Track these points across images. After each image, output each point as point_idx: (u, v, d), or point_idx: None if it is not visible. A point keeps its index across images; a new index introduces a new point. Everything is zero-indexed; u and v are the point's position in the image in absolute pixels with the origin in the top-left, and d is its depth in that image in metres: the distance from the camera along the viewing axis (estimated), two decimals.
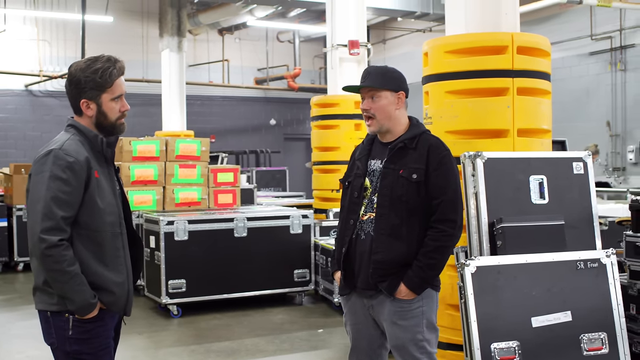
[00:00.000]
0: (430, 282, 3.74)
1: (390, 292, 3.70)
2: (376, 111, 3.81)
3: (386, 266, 3.69)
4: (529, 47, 5.44)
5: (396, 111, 3.83)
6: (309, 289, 8.76)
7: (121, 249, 3.36)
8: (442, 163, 3.73)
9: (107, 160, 3.40)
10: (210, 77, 22.22)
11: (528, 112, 5.44)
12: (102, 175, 3.33)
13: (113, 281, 3.30)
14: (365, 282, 3.78)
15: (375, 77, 3.81)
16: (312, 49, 23.98)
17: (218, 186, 9.59)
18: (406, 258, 3.69)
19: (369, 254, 3.74)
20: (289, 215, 8.65)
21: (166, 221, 8.03)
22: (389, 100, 3.81)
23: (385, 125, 3.82)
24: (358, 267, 3.82)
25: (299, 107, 23.87)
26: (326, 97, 10.77)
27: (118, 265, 3.34)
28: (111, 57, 3.37)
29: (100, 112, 3.34)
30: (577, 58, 16.43)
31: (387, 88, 3.80)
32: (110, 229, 3.30)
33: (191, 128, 18.26)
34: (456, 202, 3.73)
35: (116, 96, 3.34)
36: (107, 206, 3.30)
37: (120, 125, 3.41)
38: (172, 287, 8.03)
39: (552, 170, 4.78)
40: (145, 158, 9.20)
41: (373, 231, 3.74)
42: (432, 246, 3.67)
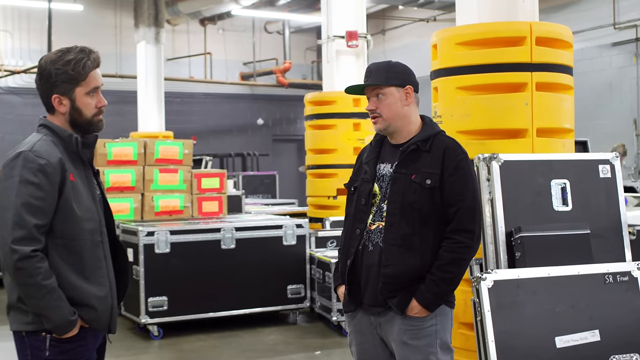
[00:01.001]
0: (444, 298, 3.75)
1: (401, 309, 3.71)
2: (383, 110, 3.83)
3: (397, 280, 3.70)
4: (549, 38, 5.46)
5: (405, 108, 3.85)
6: (304, 306, 8.77)
7: (103, 259, 3.36)
8: (459, 167, 3.75)
9: (84, 162, 3.40)
10: (191, 72, 22.23)
11: (548, 109, 5.45)
12: (79, 179, 3.32)
13: (94, 295, 3.29)
14: (373, 298, 3.79)
15: (378, 74, 3.84)
16: (304, 41, 24.02)
17: (202, 193, 9.59)
18: (419, 271, 3.70)
19: (378, 267, 3.74)
20: (281, 224, 8.66)
21: (145, 232, 8.03)
22: (396, 97, 3.83)
23: (393, 125, 3.84)
24: (365, 281, 3.83)
25: (289, 105, 23.90)
26: (322, 94, 10.80)
27: (99, 277, 3.33)
28: (85, 47, 3.38)
29: (74, 108, 3.35)
30: (599, 49, 16.49)
31: (392, 84, 3.82)
32: (89, 237, 3.30)
33: (170, 128, 18.26)
34: (474, 211, 3.75)
35: (91, 89, 3.35)
36: (85, 212, 3.30)
37: (98, 123, 3.42)
38: (152, 305, 8.03)
39: (576, 173, 4.79)
40: (121, 162, 9.19)
41: (382, 242, 3.75)
42: (448, 259, 3.68)
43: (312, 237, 9.06)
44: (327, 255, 8.51)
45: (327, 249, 9.07)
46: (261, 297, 8.54)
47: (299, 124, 24.32)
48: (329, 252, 8.80)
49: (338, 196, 10.46)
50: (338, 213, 10.27)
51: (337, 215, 10.17)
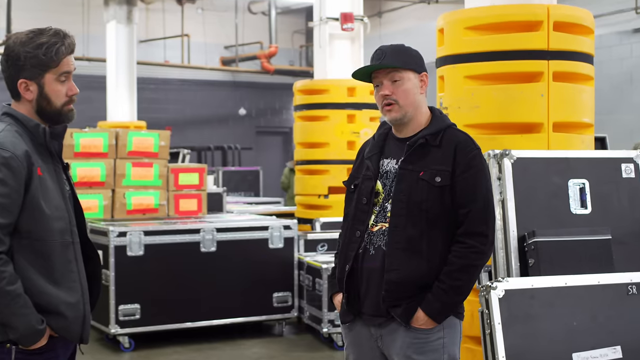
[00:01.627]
0: (453, 308, 3.75)
1: (405, 320, 3.71)
2: (400, 96, 3.81)
3: (401, 288, 3.70)
4: (568, 23, 5.48)
5: (419, 96, 3.86)
6: (292, 316, 8.77)
7: (74, 261, 3.35)
8: (471, 165, 3.75)
9: (52, 154, 3.39)
10: (167, 56, 22.19)
11: (566, 101, 5.47)
12: (47, 173, 3.31)
13: (65, 302, 3.28)
14: (374, 307, 3.78)
15: (395, 56, 3.82)
16: (292, 23, 24.02)
17: (180, 189, 9.58)
18: (426, 278, 3.70)
19: (380, 273, 3.74)
20: (267, 226, 8.66)
21: (117, 232, 8.01)
22: (413, 83, 3.83)
23: (410, 113, 3.83)
24: (365, 288, 3.82)
25: (275, 94, 23.90)
26: (313, 82, 10.80)
27: (70, 282, 3.32)
28: (59, 30, 3.37)
29: (42, 96, 3.34)
30: (618, 36, 16.53)
31: (411, 68, 3.82)
32: (59, 237, 3.29)
33: (143, 118, 18.24)
34: (488, 212, 3.75)
35: (62, 73, 3.34)
36: (54, 210, 3.29)
37: (68, 113, 3.41)
38: (123, 313, 8.01)
39: (596, 173, 4.81)
40: (90, 154, 9.17)
41: (386, 245, 3.75)
42: (458, 265, 3.68)
43: (301, 240, 9.05)
44: (318, 260, 8.51)
45: (318, 253, 9.06)
46: (244, 305, 8.53)
47: (285, 115, 24.33)
48: (319, 256, 8.80)
49: (330, 195, 10.46)
50: (329, 213, 10.27)
51: (328, 215, 10.17)
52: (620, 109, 16.42)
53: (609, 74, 16.27)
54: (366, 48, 10.96)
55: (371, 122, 10.48)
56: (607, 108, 15.92)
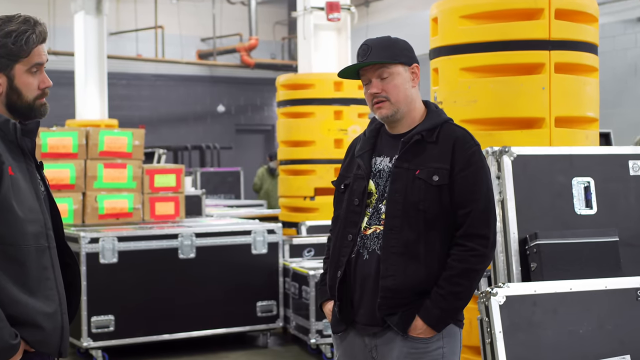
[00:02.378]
0: (453, 315, 3.75)
1: (402, 329, 3.71)
2: (390, 92, 3.80)
3: (398, 294, 3.70)
4: (570, 10, 5.50)
5: (412, 90, 3.86)
6: (277, 326, 8.76)
7: (50, 268, 3.32)
8: (471, 162, 3.75)
9: (25, 153, 3.37)
10: (139, 50, 22.16)
11: (569, 94, 5.49)
12: (19, 172, 3.29)
13: (41, 312, 3.25)
14: (369, 316, 3.78)
15: (381, 50, 3.81)
16: (273, 14, 24.04)
17: (155, 192, 9.55)
18: (423, 284, 3.70)
19: (375, 279, 3.74)
20: (250, 230, 8.66)
21: (88, 238, 7.99)
22: (404, 77, 3.82)
23: (402, 110, 3.83)
24: (359, 296, 3.82)
25: (256, 89, 23.90)
26: (297, 77, 10.79)
27: (47, 290, 3.29)
28: (29, 17, 3.36)
29: (11, 89, 3.31)
30: (622, 25, 16.59)
31: (400, 61, 3.82)
32: (33, 242, 3.26)
33: (114, 116, 18.22)
34: (489, 213, 3.75)
35: (34, 64, 3.32)
36: (28, 212, 3.26)
37: (41, 107, 3.39)
38: (96, 325, 7.99)
39: (602, 170, 4.82)
40: (58, 155, 9.14)
41: (380, 249, 3.75)
42: (458, 269, 3.68)
43: (286, 245, 9.06)
44: (304, 266, 8.51)
45: (304, 258, 9.06)
46: (226, 315, 8.52)
47: (267, 112, 24.33)
48: (306, 262, 8.80)
49: (316, 197, 10.47)
50: (316, 216, 10.27)
51: (314, 219, 10.17)
52: (624, 103, 16.47)
53: (612, 66, 16.32)
54: (353, 40, 10.97)
55: (360, 119, 10.49)
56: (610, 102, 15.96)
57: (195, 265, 8.37)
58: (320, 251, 9.18)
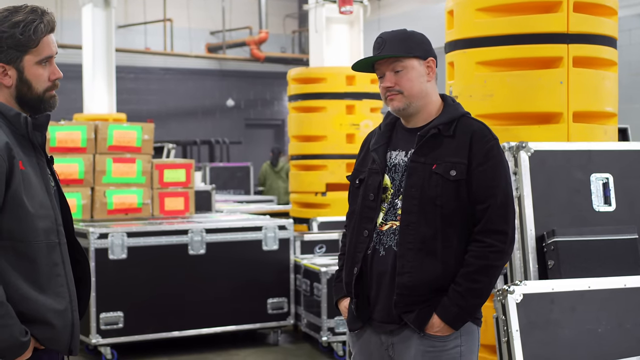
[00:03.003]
0: (471, 313, 3.74)
1: (420, 326, 3.70)
2: (404, 86, 3.80)
3: (415, 292, 3.69)
4: (589, 3, 5.48)
5: (427, 84, 3.84)
6: (288, 324, 8.76)
7: (60, 264, 3.32)
8: (489, 156, 3.74)
9: (35, 147, 3.37)
10: (148, 43, 22.17)
11: (587, 89, 5.47)
12: (30, 167, 3.29)
13: (52, 309, 3.24)
14: (385, 313, 3.77)
15: (396, 44, 3.81)
16: (283, 6, 24.02)
17: (165, 187, 9.56)
18: (441, 281, 3.70)
19: (392, 276, 3.73)
20: (261, 226, 8.65)
21: (97, 234, 8.00)
22: (418, 71, 3.82)
23: (415, 104, 3.82)
24: (375, 292, 3.81)
25: (265, 84, 23.89)
26: (309, 70, 10.79)
27: (58, 287, 3.28)
28: (37, 7, 3.35)
29: (22, 81, 3.31)
30: (639, 18, 16.55)
31: (414, 55, 3.81)
32: (44, 238, 3.26)
33: (122, 110, 18.21)
34: (507, 208, 3.74)
35: (43, 58, 3.32)
36: (39, 208, 3.26)
37: (51, 99, 3.39)
38: (105, 322, 8.00)
39: (621, 166, 4.82)
40: (67, 149, 9.15)
41: (397, 245, 3.74)
42: (476, 265, 3.67)
43: (297, 241, 9.06)
44: (316, 262, 8.50)
45: (315, 255, 9.06)
46: (236, 312, 8.52)
47: (277, 106, 24.33)
48: (317, 259, 8.79)
49: (327, 192, 10.47)
50: (327, 212, 10.28)
51: (326, 215, 10.17)
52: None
53: (628, 60, 16.25)
54: (365, 33, 10.97)
55: (372, 113, 10.50)
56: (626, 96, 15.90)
57: (205, 261, 8.37)
58: (331, 248, 9.18)
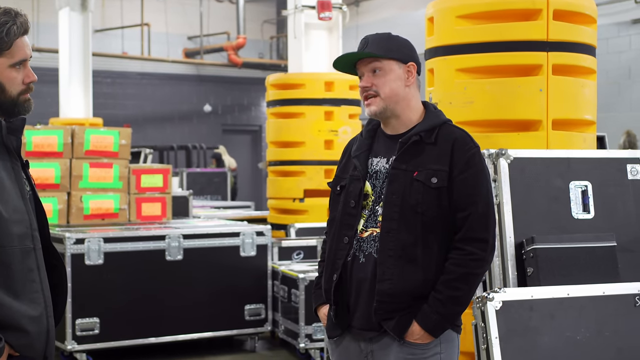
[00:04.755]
0: (451, 321, 3.75)
1: (399, 334, 3.70)
2: (380, 87, 3.80)
3: (395, 299, 3.69)
4: (569, 11, 5.50)
5: (406, 89, 3.84)
6: (265, 330, 8.75)
7: (35, 270, 3.30)
8: (471, 164, 3.75)
9: (10, 151, 3.36)
10: (125, 47, 22.11)
11: (567, 97, 5.49)
12: (4, 171, 3.28)
13: (26, 315, 3.23)
14: (365, 320, 3.77)
15: (377, 44, 3.82)
16: (261, 12, 24.03)
17: (142, 192, 9.53)
18: (421, 288, 3.70)
19: (372, 283, 3.72)
20: (238, 232, 8.64)
21: (73, 239, 7.96)
22: (396, 73, 3.82)
23: (391, 107, 3.83)
24: (355, 299, 3.81)
25: (243, 89, 23.89)
26: (287, 76, 10.79)
27: (32, 293, 3.27)
28: (9, 9, 3.33)
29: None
30: (617, 27, 16.61)
31: (394, 57, 3.82)
32: (18, 243, 3.24)
33: (99, 115, 18.18)
34: (488, 216, 3.75)
35: (17, 61, 3.30)
36: (13, 213, 3.24)
37: (25, 103, 3.37)
38: (80, 328, 7.96)
39: (600, 174, 4.82)
40: (43, 154, 9.11)
41: (377, 252, 3.74)
42: (457, 273, 3.67)
43: (275, 248, 9.05)
44: (293, 269, 8.50)
45: (293, 261, 9.06)
46: (213, 319, 8.50)
47: (255, 112, 24.31)
48: (295, 265, 8.79)
49: (306, 198, 10.46)
50: (305, 219, 10.27)
51: (304, 221, 10.17)
52: (618, 106, 16.51)
53: (606, 69, 16.34)
54: (343, 39, 10.98)
55: (350, 120, 10.51)
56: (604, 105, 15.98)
57: (182, 267, 8.35)
58: (309, 254, 9.18)
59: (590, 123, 5.70)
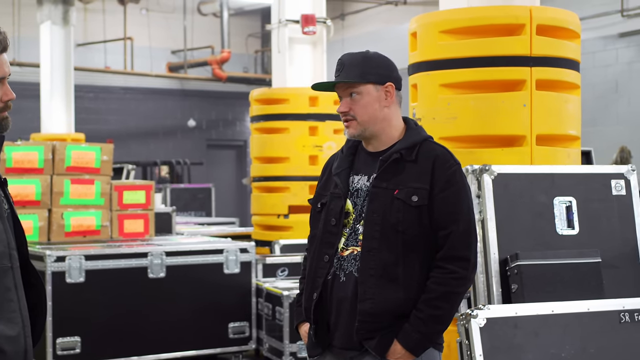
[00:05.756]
0: (433, 339, 3.76)
1: (381, 353, 3.71)
2: (357, 112, 3.81)
3: (377, 319, 3.70)
4: (552, 27, 5.54)
5: (384, 110, 3.84)
6: (249, 348, 8.73)
7: (13, 289, 3.29)
8: (452, 182, 3.76)
9: None
10: (107, 62, 22.08)
11: (551, 112, 5.52)
12: None
13: (3, 335, 3.21)
14: (346, 339, 3.78)
15: (352, 68, 3.82)
16: (246, 26, 24.03)
17: (124, 209, 9.52)
18: (402, 308, 3.71)
19: (352, 302, 3.74)
20: (222, 249, 8.62)
21: (54, 257, 7.93)
22: (373, 96, 3.82)
23: (370, 129, 3.84)
24: (335, 318, 3.82)
25: (228, 104, 23.86)
26: (271, 91, 10.81)
27: (9, 312, 3.26)
28: None
29: None
30: (603, 41, 16.67)
31: (369, 80, 3.82)
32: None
33: (81, 130, 18.12)
34: (470, 235, 3.77)
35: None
36: None
37: (3, 121, 3.36)
38: (61, 347, 7.93)
39: (584, 190, 4.85)
40: (23, 170, 9.09)
41: (358, 271, 3.75)
42: (438, 292, 3.69)
43: (259, 264, 9.03)
44: (278, 286, 8.49)
45: (278, 278, 9.04)
46: (197, 337, 8.47)
47: (239, 127, 24.30)
48: (279, 282, 8.78)
49: (290, 215, 10.46)
50: (290, 235, 10.27)
51: (289, 237, 10.16)
52: (604, 121, 16.55)
53: (592, 83, 16.41)
54: (327, 54, 11.00)
55: (335, 135, 10.51)
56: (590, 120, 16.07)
57: (165, 285, 8.32)
58: (294, 271, 9.17)
59: (575, 138, 5.73)
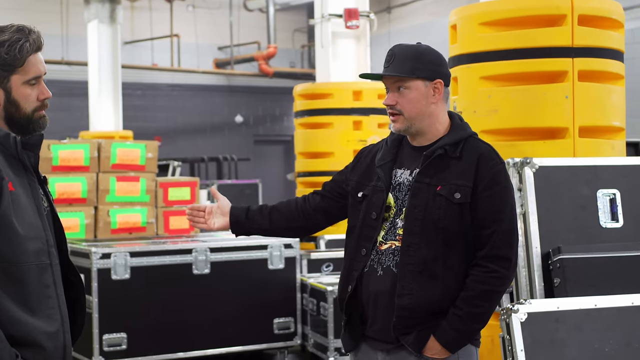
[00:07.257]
0: (470, 337, 3.74)
1: (417, 349, 3.69)
2: (404, 107, 3.77)
3: (414, 314, 3.69)
4: (594, 16, 5.49)
5: (432, 106, 3.79)
6: (295, 344, 8.73)
7: (52, 286, 3.32)
8: (496, 181, 3.72)
9: (26, 167, 3.37)
10: (154, 59, 22.23)
11: (593, 103, 5.47)
12: (21, 188, 3.29)
13: (43, 331, 3.25)
14: (383, 333, 3.77)
15: (402, 62, 3.77)
16: (292, 21, 24.06)
17: (169, 206, 9.57)
18: (440, 304, 3.69)
19: (390, 297, 3.72)
20: (266, 244, 8.63)
21: (100, 254, 7.98)
22: (421, 92, 3.78)
23: (416, 125, 3.80)
24: (372, 312, 3.80)
25: (274, 99, 23.92)
26: (315, 86, 10.79)
27: (49, 309, 3.29)
28: (23, 26, 3.34)
29: (9, 101, 3.31)
30: None
31: (418, 76, 3.77)
32: (34, 259, 3.26)
33: (129, 127, 18.26)
34: (512, 235, 3.73)
35: (31, 78, 3.32)
36: (29, 229, 3.26)
37: (40, 120, 3.38)
38: (107, 343, 7.98)
39: (628, 182, 4.81)
40: (70, 168, 9.16)
41: (396, 266, 3.73)
42: (478, 290, 3.66)
43: (304, 260, 9.03)
44: (323, 281, 8.49)
45: (322, 274, 9.04)
46: (242, 333, 8.49)
47: (286, 122, 24.35)
48: (324, 277, 8.78)
49: None
50: (334, 230, 10.20)
51: (333, 232, 10.13)
52: None
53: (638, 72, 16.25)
54: (373, 47, 10.98)
55: (379, 129, 10.48)
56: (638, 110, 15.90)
57: (209, 281, 8.35)
58: (339, 266, 9.12)
59: (619, 129, 5.67)
